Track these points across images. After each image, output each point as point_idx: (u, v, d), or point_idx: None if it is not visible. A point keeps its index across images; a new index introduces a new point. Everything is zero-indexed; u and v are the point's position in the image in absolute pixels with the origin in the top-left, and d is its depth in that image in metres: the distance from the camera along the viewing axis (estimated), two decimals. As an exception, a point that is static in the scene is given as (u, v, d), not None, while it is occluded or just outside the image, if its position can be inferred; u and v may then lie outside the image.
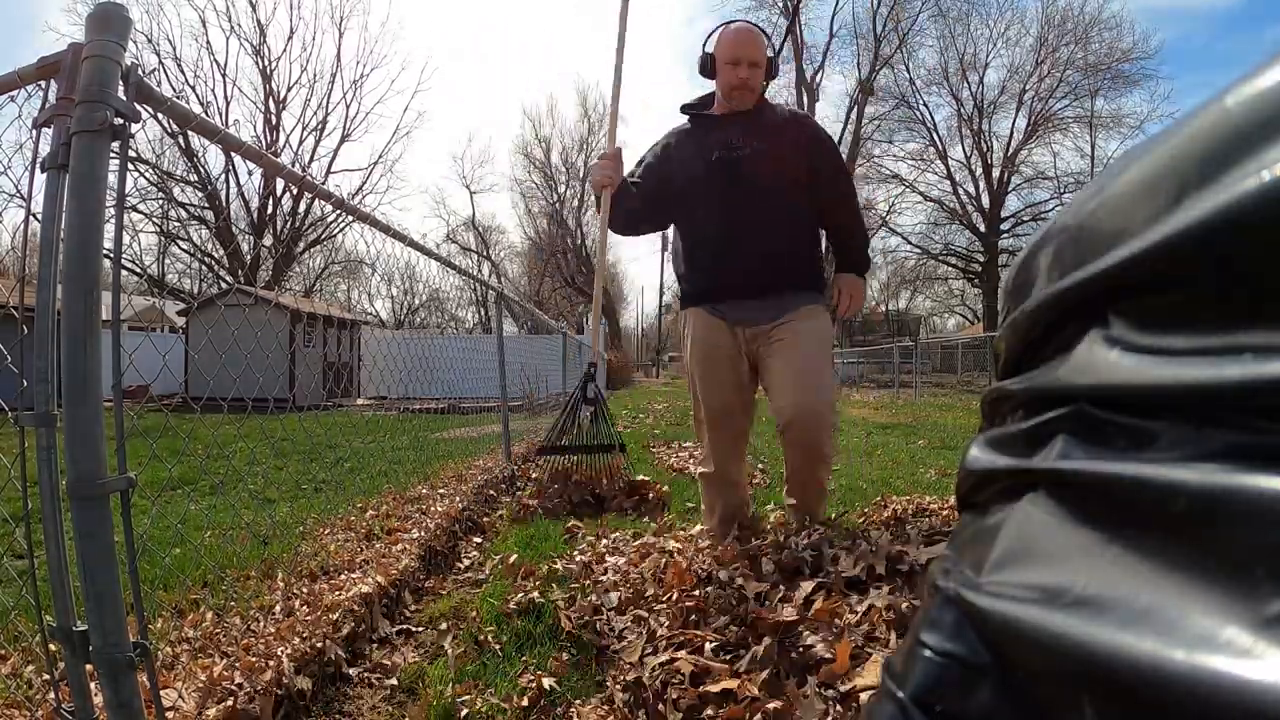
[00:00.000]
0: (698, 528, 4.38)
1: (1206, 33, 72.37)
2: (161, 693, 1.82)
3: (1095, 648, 0.41)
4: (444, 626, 2.96)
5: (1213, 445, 0.40)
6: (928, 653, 0.61)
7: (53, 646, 1.82)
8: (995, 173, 41.22)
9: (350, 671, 2.53)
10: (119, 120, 1.60)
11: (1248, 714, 0.32)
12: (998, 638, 0.53)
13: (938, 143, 42.46)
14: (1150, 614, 0.39)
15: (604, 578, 3.11)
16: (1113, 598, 0.42)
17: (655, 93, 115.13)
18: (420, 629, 2.98)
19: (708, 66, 3.41)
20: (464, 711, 2.22)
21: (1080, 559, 0.47)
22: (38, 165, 1.65)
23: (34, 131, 1.70)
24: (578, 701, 2.24)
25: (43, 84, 1.76)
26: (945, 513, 4.72)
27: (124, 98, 1.61)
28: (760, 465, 7.21)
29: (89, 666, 1.65)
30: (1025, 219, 40.57)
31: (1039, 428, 0.57)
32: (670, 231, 3.56)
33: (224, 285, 32.82)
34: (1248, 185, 0.38)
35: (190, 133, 24.84)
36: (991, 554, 0.57)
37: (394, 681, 2.49)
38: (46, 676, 2.00)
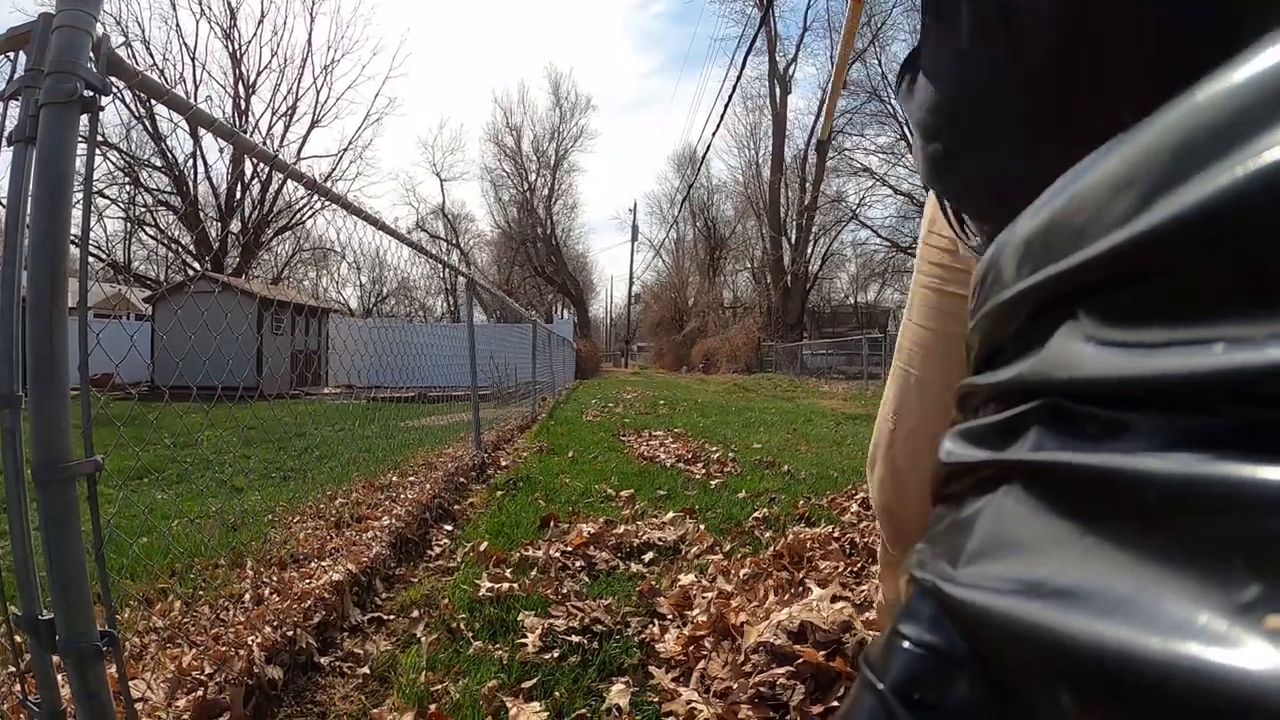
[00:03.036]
0: (669, 515, 4.40)
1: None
2: (130, 683, 1.79)
3: (1071, 637, 0.41)
4: (416, 614, 2.95)
5: (1185, 435, 0.41)
6: (906, 644, 0.62)
7: (18, 637, 1.78)
8: (965, 167, 41.61)
9: (322, 660, 2.50)
10: (89, 92, 1.56)
11: (1224, 699, 0.32)
12: (974, 629, 0.54)
13: (908, 137, 42.62)
14: (1126, 603, 0.39)
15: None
16: (1088, 587, 0.42)
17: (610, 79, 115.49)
18: (392, 617, 2.96)
19: None
20: (437, 699, 2.21)
21: (1055, 550, 0.47)
22: (3, 140, 1.61)
23: (0, 105, 1.65)
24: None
25: (10, 56, 1.72)
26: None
27: (94, 69, 1.58)
28: (732, 454, 7.23)
29: (55, 657, 1.62)
30: (994, 213, 41.04)
31: (1012, 420, 0.56)
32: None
33: (191, 272, 32.58)
34: (1220, 180, 0.38)
35: (157, 117, 24.72)
36: (967, 546, 0.57)
37: (366, 670, 2.47)
38: (12, 668, 1.97)
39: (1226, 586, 0.35)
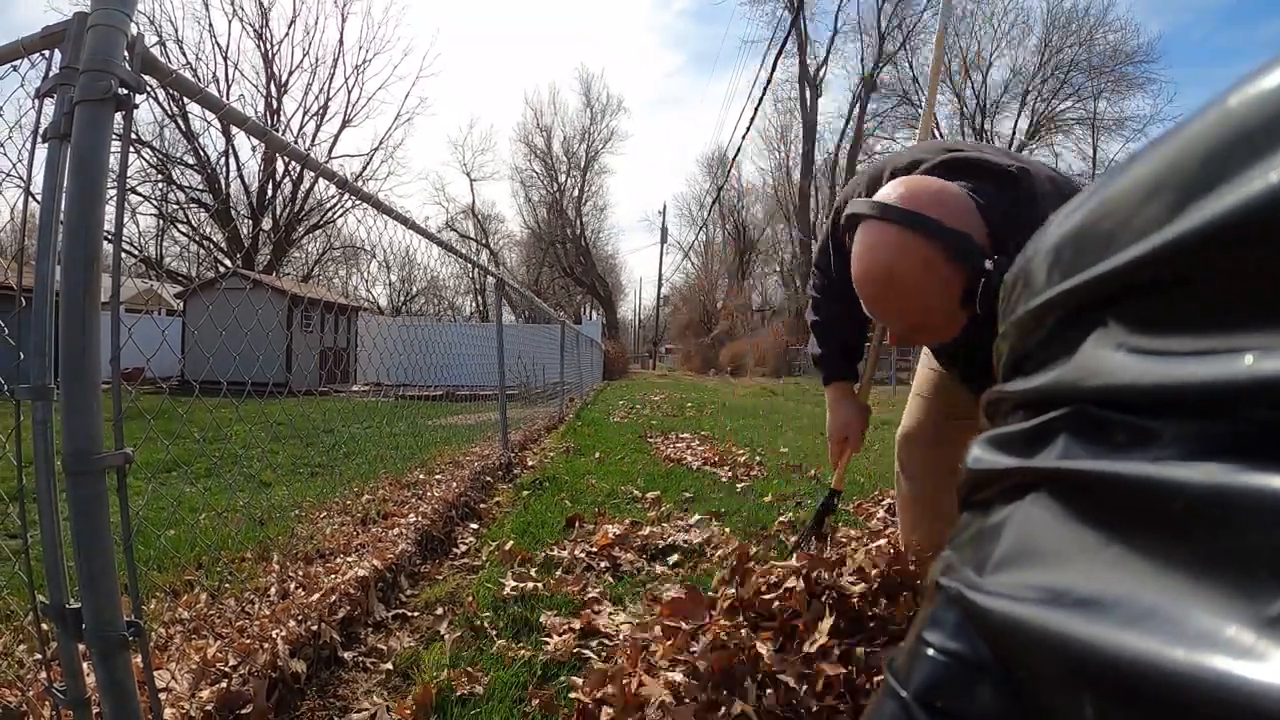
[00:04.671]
0: (695, 518, 4.39)
1: (1207, 25, 72.40)
2: (155, 673, 1.81)
3: (1096, 647, 0.41)
4: (440, 612, 2.96)
5: (1215, 444, 0.40)
6: (930, 651, 0.62)
7: (45, 625, 1.80)
8: (996, 172, 41.28)
9: (345, 655, 2.51)
10: (123, 90, 1.58)
11: (1249, 713, 0.32)
12: (999, 637, 0.54)
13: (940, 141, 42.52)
14: (1151, 613, 0.39)
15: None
16: (1114, 597, 0.42)
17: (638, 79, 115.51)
18: (416, 614, 2.97)
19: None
20: (459, 695, 2.22)
21: (1082, 558, 0.47)
22: (39, 136, 1.63)
23: (35, 102, 1.68)
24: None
25: (46, 54, 1.74)
26: (943, 508, 4.74)
27: (129, 67, 1.59)
28: (758, 458, 7.21)
29: (81, 646, 1.63)
30: (1025, 219, 40.71)
31: (1041, 427, 0.56)
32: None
33: (222, 269, 32.85)
34: (1252, 187, 0.38)
35: (190, 115, 24.94)
36: (993, 553, 0.57)
37: (389, 666, 2.48)
38: (38, 656, 1.99)
39: (1253, 598, 0.35)
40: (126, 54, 1.60)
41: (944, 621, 0.61)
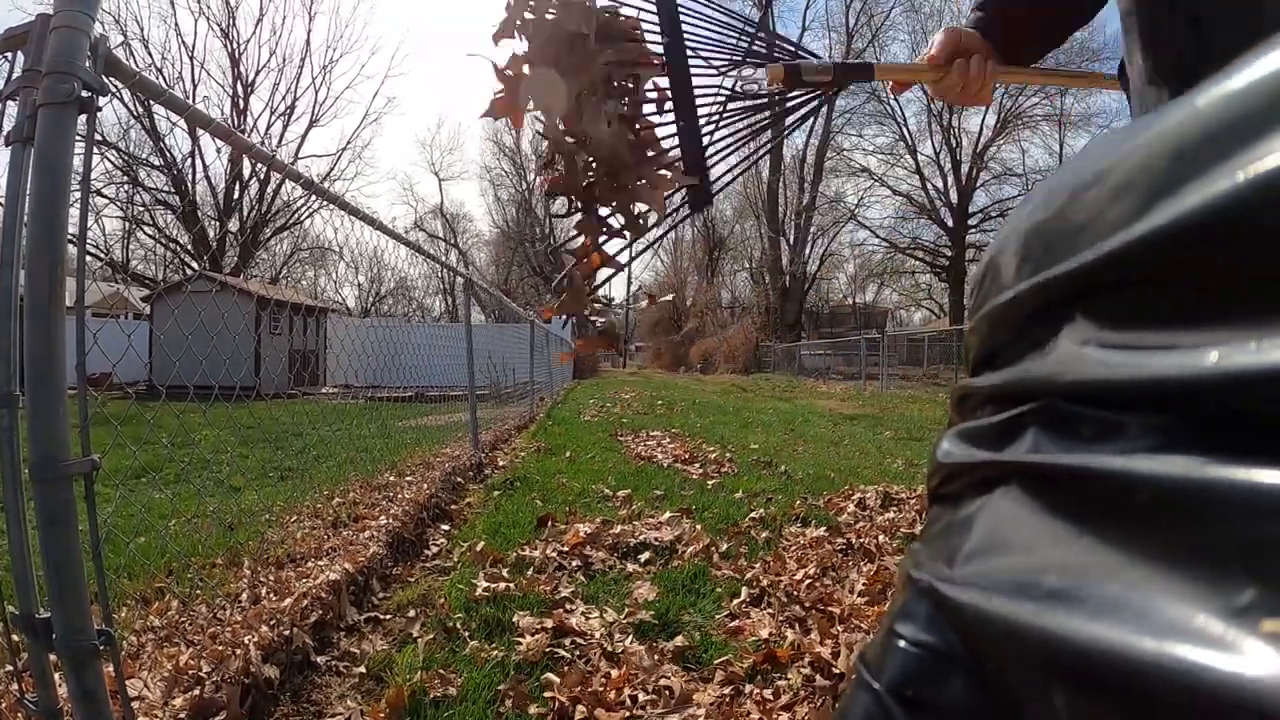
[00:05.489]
0: (666, 515, 4.40)
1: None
2: (127, 682, 1.80)
3: (1066, 637, 0.41)
4: (412, 614, 2.95)
5: (1182, 438, 0.41)
6: (902, 643, 0.62)
7: (15, 636, 1.78)
8: (964, 168, 41.64)
9: (318, 660, 2.50)
10: (86, 93, 1.56)
11: (1220, 701, 0.32)
12: (970, 629, 0.54)
13: (907, 138, 42.85)
14: (1120, 604, 0.39)
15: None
16: (1083, 588, 0.42)
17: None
18: (389, 616, 2.96)
19: None
20: (433, 698, 2.21)
21: (1051, 550, 0.47)
22: (1, 139, 1.62)
23: (-2, 106, 1.66)
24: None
25: (9, 57, 1.72)
26: (913, 502, 4.78)
27: (92, 70, 1.58)
28: (729, 454, 7.23)
29: (52, 656, 1.62)
30: (993, 215, 41.12)
31: (1010, 421, 0.57)
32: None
33: (189, 271, 32.52)
34: (1219, 186, 0.38)
35: (156, 116, 24.67)
36: (963, 546, 0.57)
37: (362, 669, 2.47)
38: (9, 667, 1.97)
39: (1223, 589, 0.35)
40: (90, 55, 1.58)
41: (915, 614, 0.62)
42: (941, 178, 42.33)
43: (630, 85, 1.27)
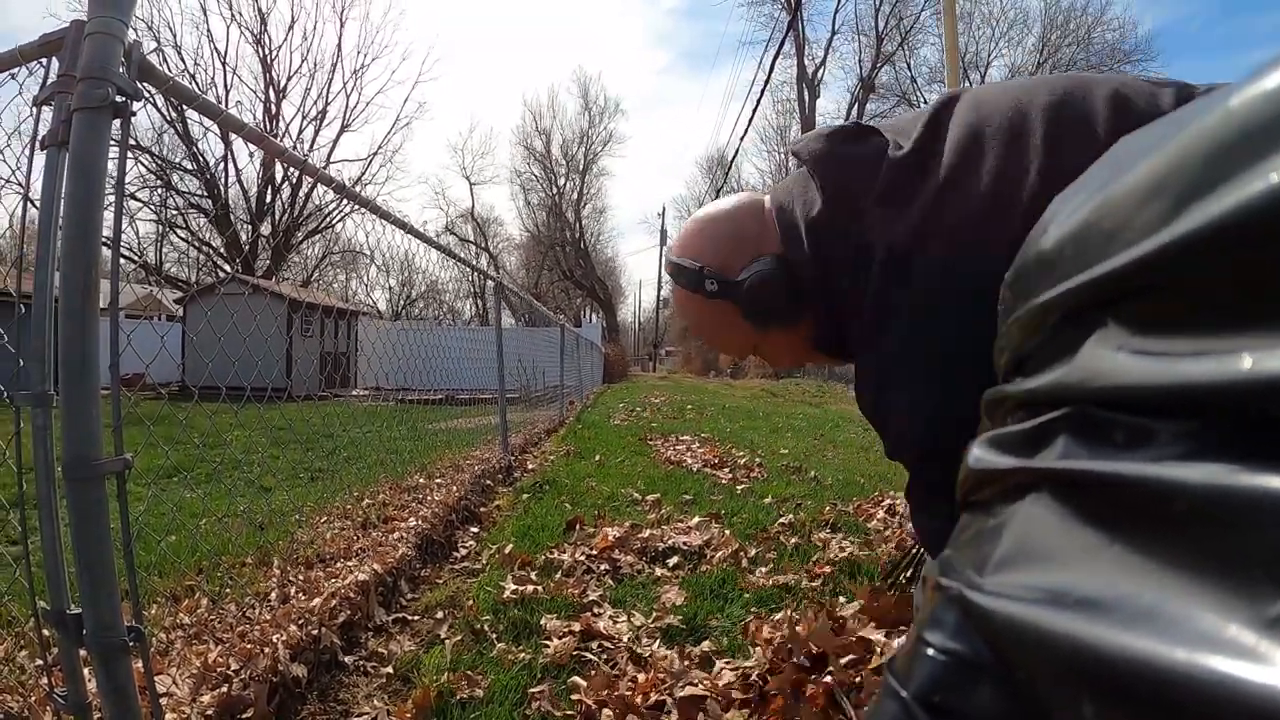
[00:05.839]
0: (695, 520, 4.39)
1: (1204, 15, 72.36)
2: (156, 679, 1.81)
3: (1096, 647, 0.40)
4: (440, 615, 2.96)
5: (1215, 444, 0.40)
6: (930, 651, 0.62)
7: (46, 631, 1.80)
8: (997, 169, 41.23)
9: (346, 659, 2.52)
10: (120, 98, 1.58)
11: (1249, 714, 0.32)
12: (999, 637, 0.53)
13: (937, 141, 42.46)
14: (1151, 614, 0.39)
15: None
16: (1114, 597, 0.42)
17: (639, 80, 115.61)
18: (416, 618, 2.97)
19: None
20: (459, 699, 2.22)
21: (1082, 559, 0.47)
22: (37, 143, 1.64)
23: (34, 110, 1.68)
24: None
25: (44, 62, 1.74)
26: (943, 509, 4.73)
27: (126, 75, 1.60)
28: (758, 460, 7.21)
29: (82, 651, 1.64)
30: (1024, 218, 40.71)
31: (1041, 428, 0.56)
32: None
33: (221, 274, 32.84)
34: (1253, 188, 0.38)
35: (188, 120, 24.93)
36: (993, 554, 0.57)
37: (390, 670, 2.48)
38: (40, 661, 1.99)
39: (1254, 599, 0.34)
40: (124, 61, 1.60)
41: (944, 621, 0.61)
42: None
43: None
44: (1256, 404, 0.38)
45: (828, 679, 2.16)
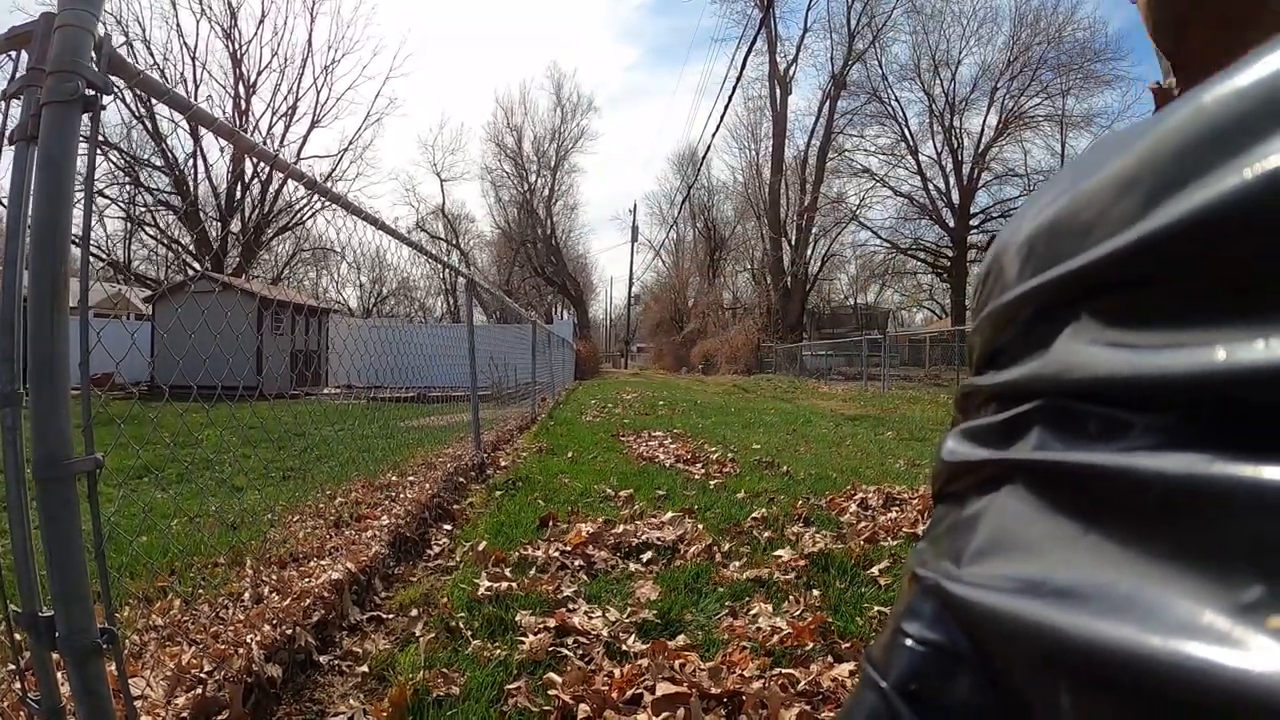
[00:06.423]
0: (668, 515, 4.40)
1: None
2: (129, 681, 1.80)
3: (1073, 635, 0.40)
4: (415, 613, 2.95)
5: (1188, 435, 0.40)
6: (909, 642, 0.62)
7: (18, 634, 1.78)
8: (965, 169, 41.60)
9: (321, 659, 2.51)
10: (90, 91, 1.56)
11: (1226, 698, 0.32)
12: (977, 627, 0.53)
13: (909, 138, 42.86)
14: (1127, 602, 0.39)
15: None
16: (1090, 586, 0.42)
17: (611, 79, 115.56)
18: (391, 616, 2.96)
19: None
20: (435, 697, 2.21)
21: (1058, 548, 0.47)
22: (5, 138, 1.62)
23: (2, 104, 1.66)
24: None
25: (12, 55, 1.72)
26: (915, 502, 4.78)
27: (96, 68, 1.58)
28: (731, 455, 7.23)
29: (55, 654, 1.62)
30: (994, 215, 41.10)
31: (1015, 419, 0.56)
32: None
33: (191, 271, 32.54)
34: (1226, 184, 0.38)
35: (158, 116, 24.68)
36: (969, 545, 0.57)
37: (365, 668, 2.47)
38: (11, 665, 1.97)
39: (1229, 587, 0.35)
40: (94, 54, 1.59)
41: (922, 612, 0.61)
42: (943, 178, 42.33)
43: None
44: (1230, 394, 0.38)
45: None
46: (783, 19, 44.00)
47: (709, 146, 46.93)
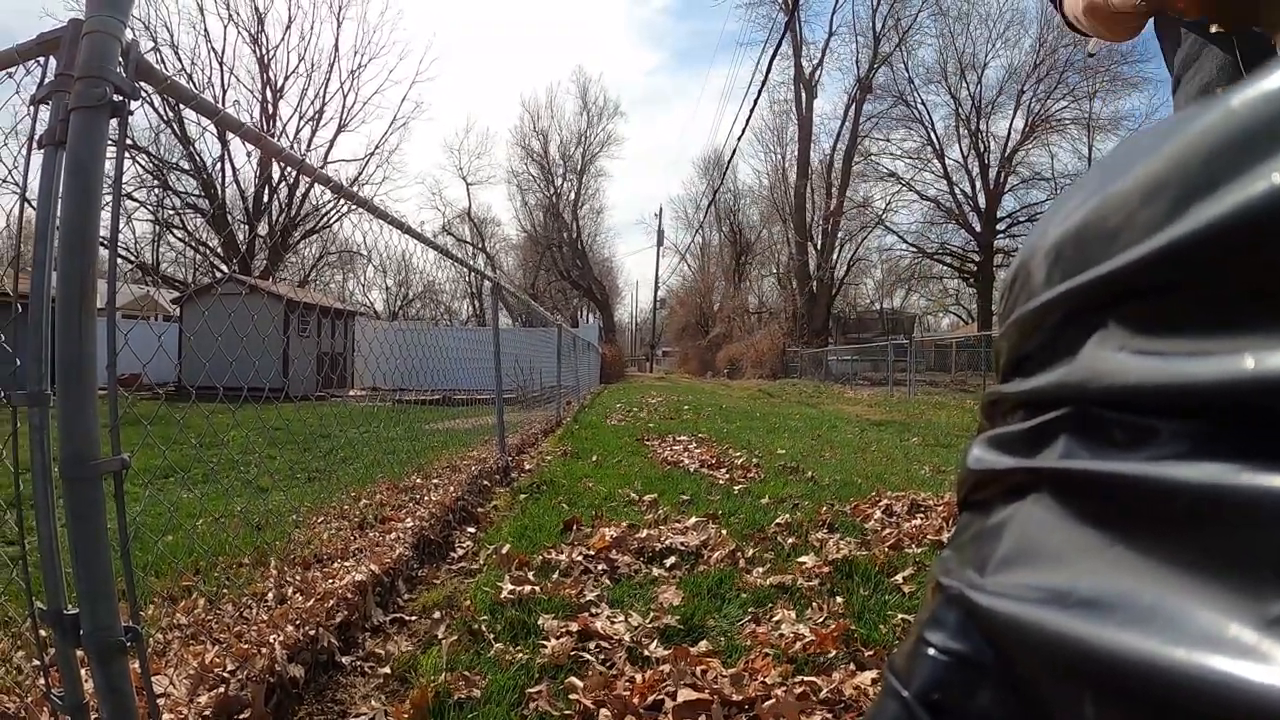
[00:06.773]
0: (692, 520, 4.39)
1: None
2: (153, 679, 1.81)
3: (1097, 646, 0.40)
4: (437, 615, 2.96)
5: (1217, 443, 0.40)
6: (932, 651, 0.61)
7: (43, 631, 1.80)
8: (992, 173, 41.31)
9: (343, 660, 2.51)
10: (118, 97, 1.58)
11: (1250, 714, 0.32)
12: (1001, 637, 0.53)
13: (935, 142, 42.59)
14: (1153, 613, 0.38)
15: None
16: (1116, 597, 0.42)
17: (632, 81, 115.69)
18: (414, 618, 2.97)
19: None
20: (456, 699, 2.22)
21: (1083, 558, 0.46)
22: (34, 143, 1.64)
23: (31, 109, 1.68)
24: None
25: (41, 61, 1.74)
26: (940, 509, 4.75)
27: (123, 74, 1.60)
28: (755, 460, 7.21)
29: (79, 651, 1.63)
30: (1021, 219, 40.75)
31: (1042, 427, 0.56)
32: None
33: (218, 274, 32.82)
34: (1255, 188, 0.37)
35: (186, 121, 24.93)
36: (994, 554, 0.57)
37: (387, 670, 2.48)
38: (36, 662, 1.99)
39: (1256, 598, 0.34)
40: (121, 60, 1.60)
41: (945, 621, 0.61)
42: (969, 182, 42.06)
43: None
44: (1258, 403, 0.38)
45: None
46: (808, 23, 44.10)
47: (734, 150, 46.92)
